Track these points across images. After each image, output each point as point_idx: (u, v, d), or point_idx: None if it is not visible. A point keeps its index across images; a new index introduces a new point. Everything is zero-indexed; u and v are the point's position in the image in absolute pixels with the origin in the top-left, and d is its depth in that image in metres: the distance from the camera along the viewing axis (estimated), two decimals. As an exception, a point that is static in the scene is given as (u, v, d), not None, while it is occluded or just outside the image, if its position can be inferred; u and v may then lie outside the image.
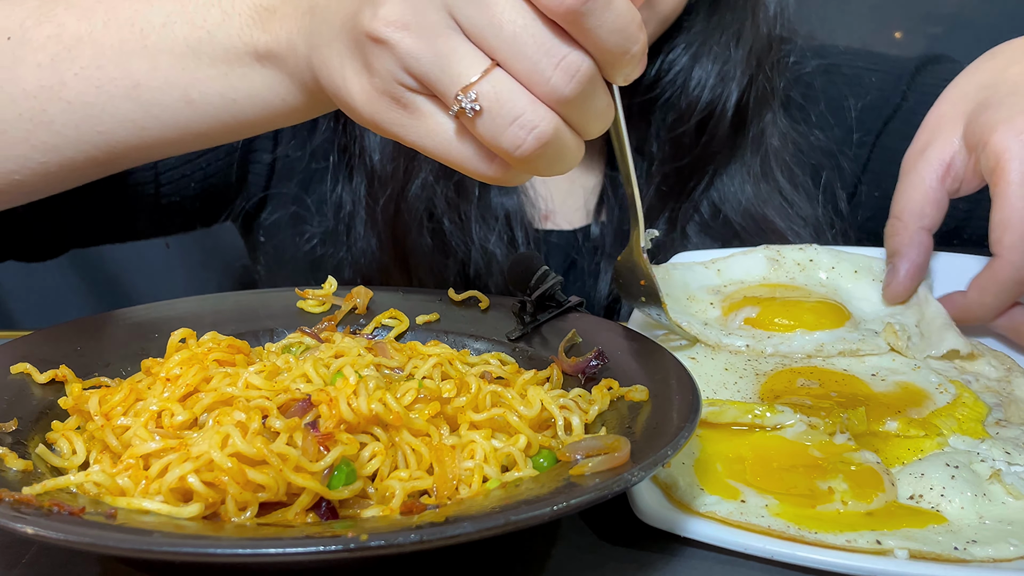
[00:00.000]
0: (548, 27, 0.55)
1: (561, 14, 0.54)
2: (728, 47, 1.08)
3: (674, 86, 1.09)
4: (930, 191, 0.85)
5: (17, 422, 0.62)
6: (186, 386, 0.61)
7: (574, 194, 1.16)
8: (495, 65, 0.56)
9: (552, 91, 0.56)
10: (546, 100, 0.56)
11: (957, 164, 0.84)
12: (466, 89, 0.56)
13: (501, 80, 0.56)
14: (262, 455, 0.53)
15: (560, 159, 0.59)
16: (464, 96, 0.56)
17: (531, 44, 0.55)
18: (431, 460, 0.59)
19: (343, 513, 0.56)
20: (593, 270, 1.14)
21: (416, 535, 0.47)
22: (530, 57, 0.55)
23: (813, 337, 0.85)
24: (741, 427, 0.71)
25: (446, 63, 0.56)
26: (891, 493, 0.65)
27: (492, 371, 0.69)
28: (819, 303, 0.88)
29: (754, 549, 0.59)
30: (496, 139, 0.57)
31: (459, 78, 0.56)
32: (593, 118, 0.59)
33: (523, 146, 0.56)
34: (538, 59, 0.55)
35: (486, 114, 0.56)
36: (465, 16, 0.56)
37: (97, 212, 1.04)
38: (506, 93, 0.56)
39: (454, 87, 0.56)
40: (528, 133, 0.56)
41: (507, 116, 0.56)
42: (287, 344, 0.74)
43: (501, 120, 0.56)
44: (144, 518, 0.52)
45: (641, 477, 0.53)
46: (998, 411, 0.75)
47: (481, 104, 0.56)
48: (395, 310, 0.80)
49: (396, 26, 0.57)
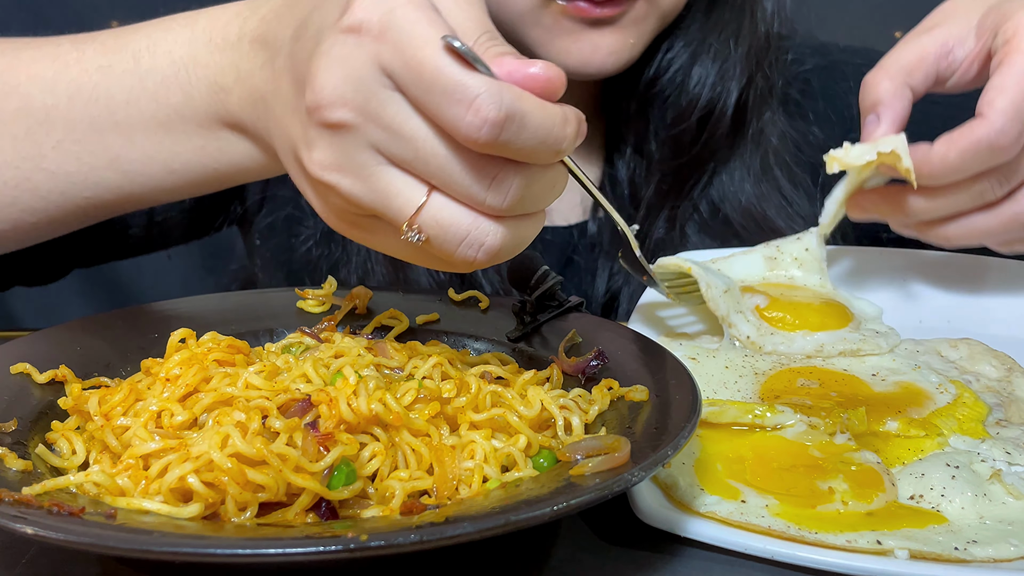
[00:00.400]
0: (473, 152, 0.55)
1: (481, 147, 0.54)
2: (727, 45, 1.08)
3: (673, 84, 1.08)
4: (926, 57, 0.84)
5: (17, 422, 0.61)
6: (186, 386, 0.61)
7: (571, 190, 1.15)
8: (432, 190, 0.56)
9: (491, 208, 0.56)
10: (487, 215, 0.57)
11: (958, 52, 0.83)
12: (409, 222, 0.56)
13: (440, 207, 0.56)
14: (262, 455, 0.53)
15: (517, 249, 0.59)
16: (409, 229, 0.56)
17: (458, 172, 0.55)
18: (431, 460, 0.58)
19: (343, 513, 0.56)
20: (591, 267, 1.14)
21: (416, 535, 0.47)
22: (460, 183, 0.55)
23: (814, 338, 0.85)
24: (741, 427, 0.71)
25: (385, 199, 0.57)
26: (891, 493, 0.65)
27: (492, 371, 0.69)
28: (824, 304, 0.88)
29: (754, 549, 0.59)
30: (449, 260, 0.58)
31: (400, 212, 0.56)
32: (543, 200, 0.60)
33: (476, 260, 0.57)
34: (469, 184, 0.55)
35: (432, 240, 0.57)
36: (391, 153, 0.56)
37: (96, 235, 1.05)
38: (447, 219, 0.56)
39: (399, 220, 0.57)
40: (477, 251, 0.57)
41: (453, 240, 0.56)
42: (287, 344, 0.74)
43: (448, 244, 0.56)
44: (144, 518, 0.52)
45: (641, 477, 0.53)
46: (998, 411, 0.75)
47: (427, 233, 0.56)
48: (395, 310, 0.80)
49: (331, 170, 0.58)
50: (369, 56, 0.55)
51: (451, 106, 0.53)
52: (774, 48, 1.10)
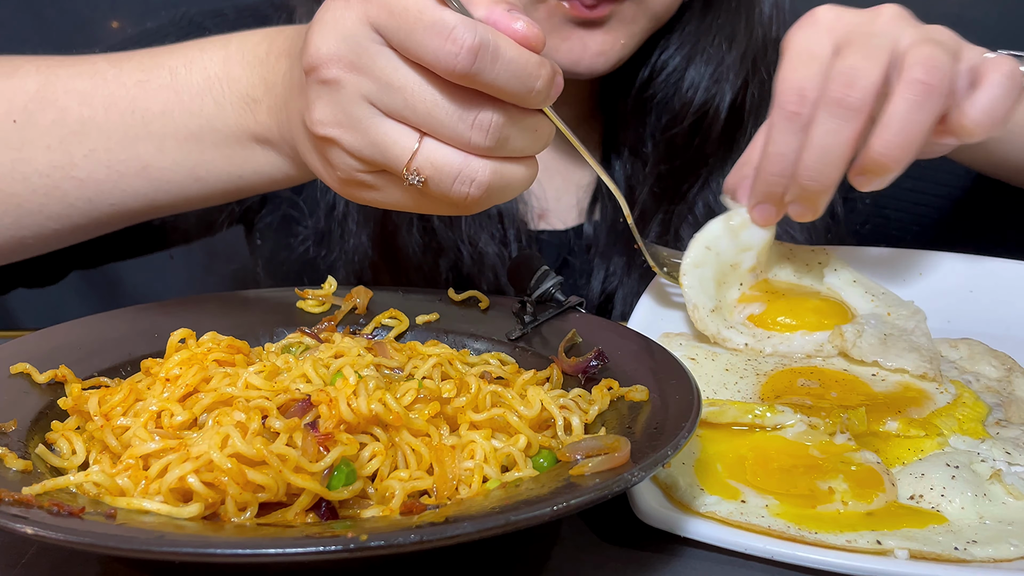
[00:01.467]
0: (457, 92, 0.61)
1: (457, 77, 0.60)
2: (721, 48, 1.07)
3: (667, 86, 1.08)
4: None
5: (17, 422, 0.61)
6: (186, 386, 0.61)
7: (568, 192, 1.16)
8: (423, 136, 0.63)
9: (476, 146, 0.62)
10: (475, 153, 0.63)
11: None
12: (407, 166, 0.63)
13: (432, 150, 0.63)
14: (262, 456, 0.53)
15: (509, 189, 0.65)
16: (408, 172, 0.63)
17: (444, 114, 0.61)
18: (431, 460, 0.59)
19: (343, 513, 0.56)
20: (586, 269, 1.14)
21: (416, 535, 0.47)
22: (447, 125, 0.62)
23: (813, 338, 0.85)
24: (741, 427, 0.71)
25: (383, 148, 0.63)
26: (891, 493, 0.65)
27: (492, 371, 0.69)
28: (823, 302, 0.88)
29: (754, 549, 0.59)
30: (446, 196, 0.64)
31: (398, 159, 0.63)
32: (528, 146, 0.65)
33: (469, 195, 0.63)
34: (454, 125, 0.62)
35: (430, 181, 0.63)
36: (384, 104, 0.62)
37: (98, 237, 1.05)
38: (439, 160, 0.63)
39: (398, 166, 0.63)
40: (469, 186, 0.63)
41: (447, 178, 0.63)
42: (287, 344, 0.74)
43: (443, 182, 0.63)
44: (144, 518, 0.52)
45: (641, 477, 0.53)
46: (998, 411, 0.75)
47: (423, 175, 0.63)
48: (395, 310, 0.80)
49: (331, 125, 0.64)
50: (357, 15, 0.61)
51: (431, 39, 0.59)
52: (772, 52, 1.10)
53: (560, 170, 1.16)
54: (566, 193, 1.16)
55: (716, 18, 1.08)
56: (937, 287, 0.93)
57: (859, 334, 0.82)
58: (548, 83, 0.62)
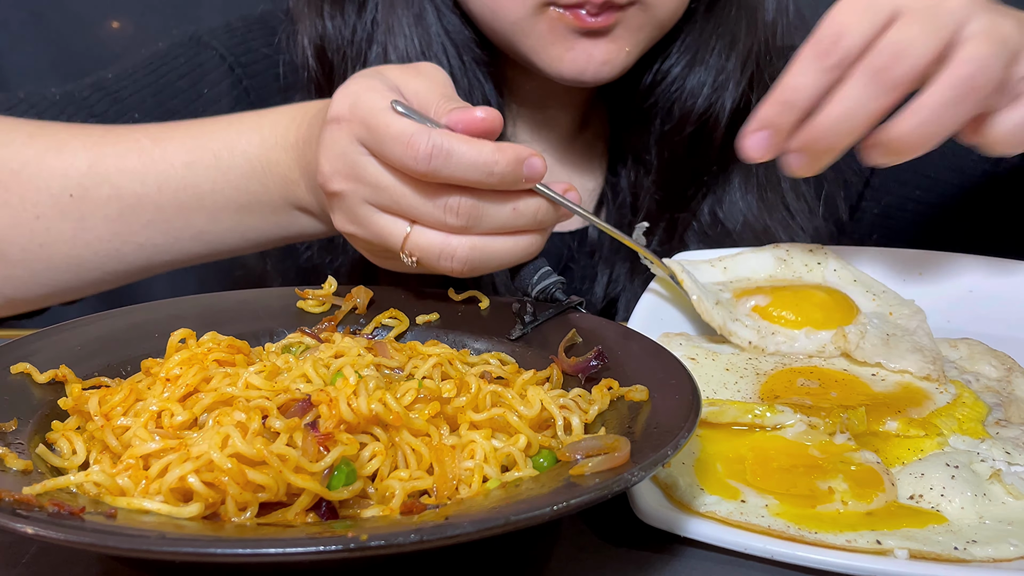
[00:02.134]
0: (429, 186, 0.72)
1: (421, 176, 0.71)
2: (722, 56, 1.07)
3: (668, 94, 1.08)
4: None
5: (17, 422, 0.61)
6: (186, 386, 0.61)
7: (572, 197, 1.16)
8: (413, 223, 0.74)
9: (452, 227, 0.73)
10: (455, 232, 0.73)
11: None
12: (402, 249, 0.75)
13: (419, 234, 0.74)
14: (262, 456, 0.53)
15: (494, 259, 0.75)
16: (403, 254, 0.75)
17: (420, 204, 0.72)
18: (431, 460, 0.59)
19: (343, 513, 0.56)
20: (589, 273, 1.14)
21: (416, 535, 0.47)
22: (425, 212, 0.73)
23: (818, 337, 0.84)
24: (741, 427, 0.71)
25: (382, 237, 0.75)
26: (891, 493, 0.65)
27: (492, 371, 0.69)
28: (828, 298, 0.87)
29: (754, 549, 0.59)
30: (436, 270, 0.75)
31: (394, 245, 0.75)
32: (508, 221, 0.74)
33: (454, 268, 0.74)
34: (430, 211, 0.72)
35: (421, 260, 0.75)
36: (378, 202, 0.74)
37: None
38: (424, 242, 0.74)
39: (395, 250, 0.75)
40: (451, 261, 0.74)
41: (432, 255, 0.74)
42: (287, 344, 0.74)
43: (430, 259, 0.74)
44: (144, 518, 0.52)
45: (641, 477, 0.53)
46: (998, 411, 0.75)
47: (415, 255, 0.74)
48: (395, 310, 0.80)
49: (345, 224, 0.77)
50: (346, 135, 0.73)
51: (396, 147, 0.70)
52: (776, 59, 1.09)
53: (564, 175, 1.16)
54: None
55: (717, 25, 1.07)
56: (937, 287, 0.93)
57: (862, 335, 0.82)
58: (509, 166, 0.70)
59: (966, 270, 0.94)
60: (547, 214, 0.75)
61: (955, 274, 0.94)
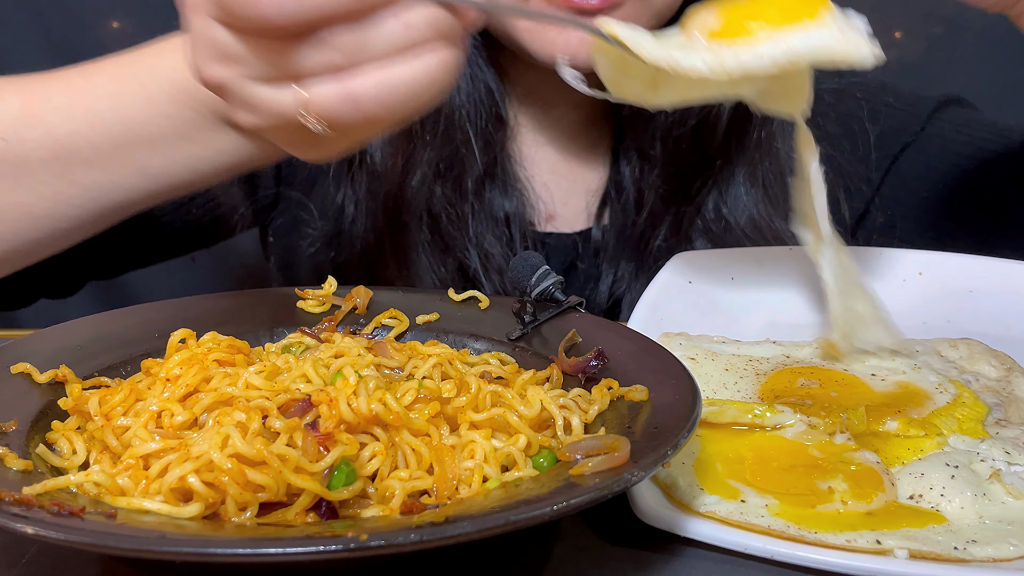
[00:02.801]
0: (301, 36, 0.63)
1: (285, 27, 0.62)
2: None
3: None
4: None
5: (17, 422, 0.61)
6: (186, 386, 0.61)
7: (575, 195, 1.16)
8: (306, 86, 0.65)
9: (342, 65, 0.63)
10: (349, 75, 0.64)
11: None
12: (305, 119, 0.64)
13: (315, 92, 0.64)
14: (262, 456, 0.53)
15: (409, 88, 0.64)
16: (307, 122, 0.64)
17: (299, 56, 0.63)
18: (431, 460, 0.59)
19: (343, 513, 0.56)
20: (594, 273, 1.14)
21: (416, 535, 0.47)
22: (308, 62, 0.64)
23: (786, 43, 0.69)
24: (741, 427, 0.71)
25: (281, 112, 0.65)
26: (891, 493, 0.65)
27: (492, 371, 0.69)
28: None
29: (754, 549, 0.59)
30: (358, 131, 0.66)
31: (295, 114, 0.65)
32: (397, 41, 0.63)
33: (369, 113, 0.64)
34: (313, 58, 0.63)
35: (330, 119, 0.64)
36: (258, 74, 0.65)
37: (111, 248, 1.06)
38: (323, 98, 0.64)
39: (300, 121, 0.65)
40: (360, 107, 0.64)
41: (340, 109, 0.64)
42: (287, 344, 0.74)
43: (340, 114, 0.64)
44: (144, 518, 0.52)
45: (641, 477, 0.53)
46: (998, 411, 0.75)
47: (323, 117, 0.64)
48: (395, 310, 0.80)
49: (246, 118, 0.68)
50: (203, 20, 0.65)
51: (247, 9, 0.61)
52: None
53: (568, 173, 1.16)
54: (574, 196, 1.15)
55: None
56: (937, 287, 0.93)
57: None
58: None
59: (966, 270, 0.94)
60: (445, 19, 0.65)
61: (955, 274, 0.94)
